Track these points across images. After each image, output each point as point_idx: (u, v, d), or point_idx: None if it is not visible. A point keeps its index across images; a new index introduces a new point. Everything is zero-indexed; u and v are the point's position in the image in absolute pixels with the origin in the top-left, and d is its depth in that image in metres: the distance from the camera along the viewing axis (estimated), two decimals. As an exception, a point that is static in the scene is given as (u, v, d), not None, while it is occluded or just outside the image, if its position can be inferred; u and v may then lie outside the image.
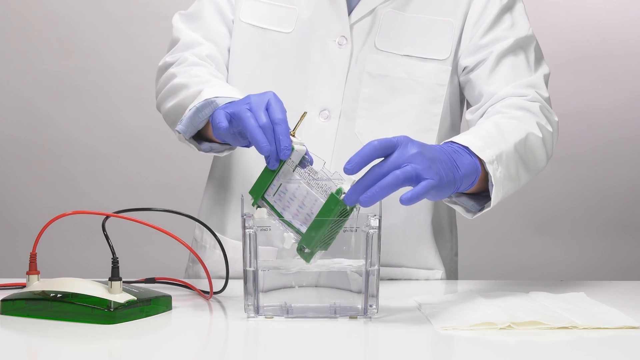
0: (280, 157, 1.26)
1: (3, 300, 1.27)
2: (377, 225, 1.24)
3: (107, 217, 1.32)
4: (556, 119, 1.57)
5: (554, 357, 1.11)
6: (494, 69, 1.57)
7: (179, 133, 1.46)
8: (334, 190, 1.22)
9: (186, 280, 1.50)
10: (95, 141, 3.43)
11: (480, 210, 1.42)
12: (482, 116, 1.55)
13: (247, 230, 1.24)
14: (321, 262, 1.26)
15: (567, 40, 3.39)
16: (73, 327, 1.19)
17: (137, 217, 1.32)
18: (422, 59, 1.57)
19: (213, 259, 1.62)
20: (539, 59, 1.62)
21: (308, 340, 1.17)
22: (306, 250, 1.23)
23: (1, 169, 3.43)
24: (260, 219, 1.26)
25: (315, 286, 1.30)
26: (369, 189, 1.20)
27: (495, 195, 1.37)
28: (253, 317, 1.25)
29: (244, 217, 1.25)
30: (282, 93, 1.38)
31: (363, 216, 1.25)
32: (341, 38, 1.56)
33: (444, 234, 1.68)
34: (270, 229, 1.26)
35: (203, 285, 1.44)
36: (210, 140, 1.49)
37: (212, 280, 1.40)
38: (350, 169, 1.21)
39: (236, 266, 1.43)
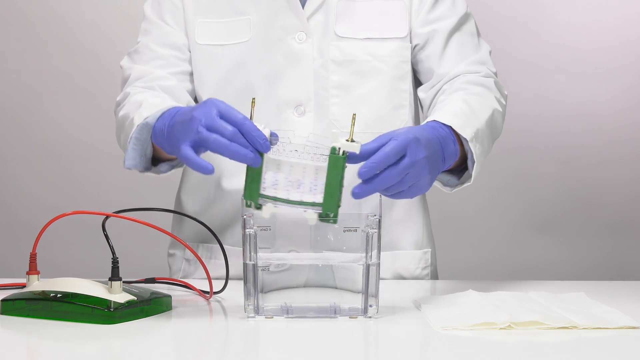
0: (262, 151, 1.23)
1: (3, 300, 1.27)
2: (377, 225, 1.24)
3: (107, 217, 1.32)
4: (506, 92, 1.65)
5: (554, 357, 1.11)
6: (444, 49, 1.63)
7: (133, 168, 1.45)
8: (328, 152, 1.23)
9: (186, 280, 1.50)
10: (95, 141, 3.43)
11: (460, 184, 1.49)
12: (437, 93, 1.61)
13: (247, 230, 1.24)
14: (321, 256, 1.27)
15: (567, 40, 3.39)
16: (73, 327, 1.19)
17: (137, 217, 1.32)
18: (383, 39, 1.62)
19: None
20: (479, 35, 1.69)
21: (308, 340, 1.17)
22: (332, 216, 1.24)
23: (1, 169, 3.43)
24: (271, 215, 1.25)
25: (315, 286, 1.30)
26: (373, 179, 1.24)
27: (476, 170, 1.45)
28: (253, 317, 1.25)
29: (244, 217, 1.25)
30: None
31: (363, 216, 1.25)
32: (300, 33, 1.59)
33: (411, 215, 1.69)
34: (270, 229, 1.26)
35: (203, 285, 1.44)
36: (165, 160, 1.49)
37: (212, 280, 1.40)
38: (363, 173, 1.24)
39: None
